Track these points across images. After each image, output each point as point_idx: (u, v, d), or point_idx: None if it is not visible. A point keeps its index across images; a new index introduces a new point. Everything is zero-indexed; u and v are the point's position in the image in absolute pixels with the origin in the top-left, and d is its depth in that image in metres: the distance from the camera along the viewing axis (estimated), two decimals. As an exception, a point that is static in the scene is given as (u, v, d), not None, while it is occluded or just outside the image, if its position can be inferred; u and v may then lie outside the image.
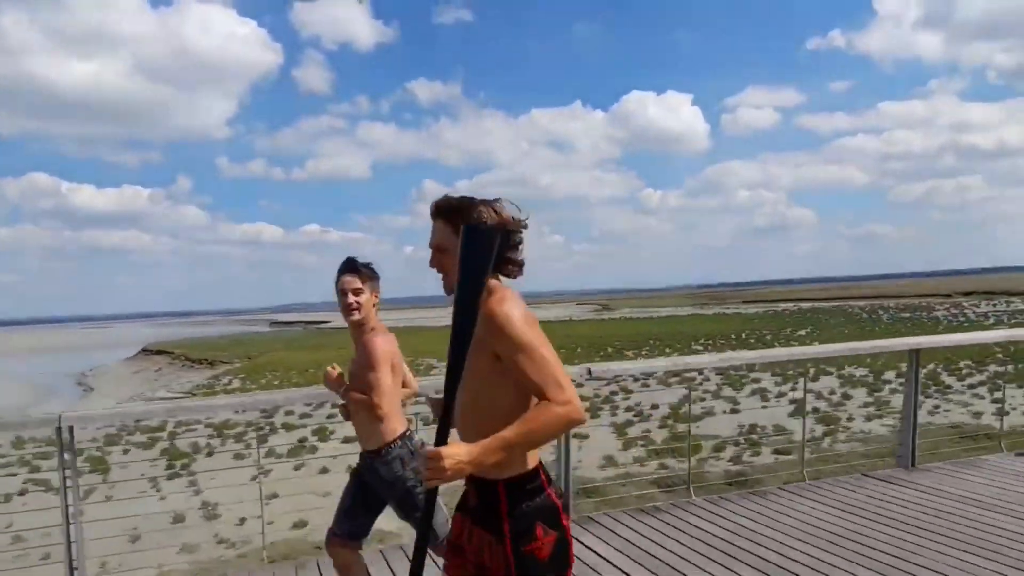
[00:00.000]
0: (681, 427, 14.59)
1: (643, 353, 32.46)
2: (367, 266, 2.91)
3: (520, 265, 1.83)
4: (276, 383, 28.48)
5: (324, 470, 11.03)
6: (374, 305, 2.90)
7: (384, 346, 2.84)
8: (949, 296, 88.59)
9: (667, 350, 33.61)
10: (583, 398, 2.18)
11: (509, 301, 1.73)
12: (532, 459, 1.82)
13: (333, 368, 2.94)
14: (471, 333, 1.65)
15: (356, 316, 2.88)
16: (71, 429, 3.78)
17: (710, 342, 37.00)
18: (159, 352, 59.88)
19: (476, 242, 1.64)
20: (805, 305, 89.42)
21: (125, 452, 14.88)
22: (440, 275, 1.87)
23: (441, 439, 1.65)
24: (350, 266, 2.90)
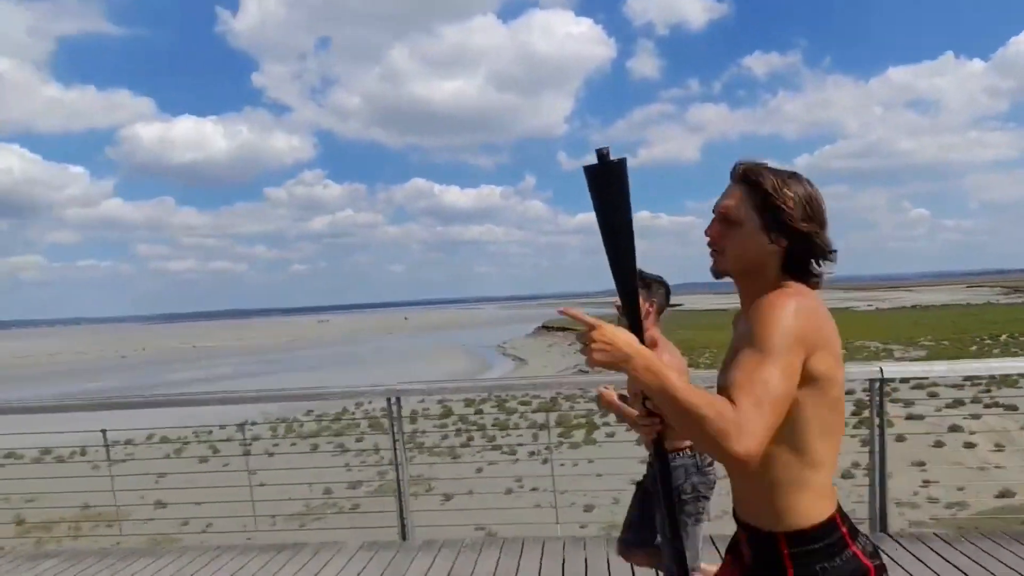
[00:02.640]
0: None
1: None
2: (648, 277, 2.82)
3: (820, 278, 1.42)
4: (707, 361, 30.14)
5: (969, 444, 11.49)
6: (647, 315, 2.75)
7: (671, 360, 2.63)
8: None
9: None
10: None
11: (789, 299, 1.31)
12: (827, 505, 1.37)
13: (608, 390, 2.62)
14: (636, 289, 1.43)
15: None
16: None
17: None
18: (559, 329, 67.66)
19: (608, 177, 1.40)
20: None
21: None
22: (711, 250, 1.45)
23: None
24: None
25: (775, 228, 1.34)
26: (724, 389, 1.24)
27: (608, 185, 1.42)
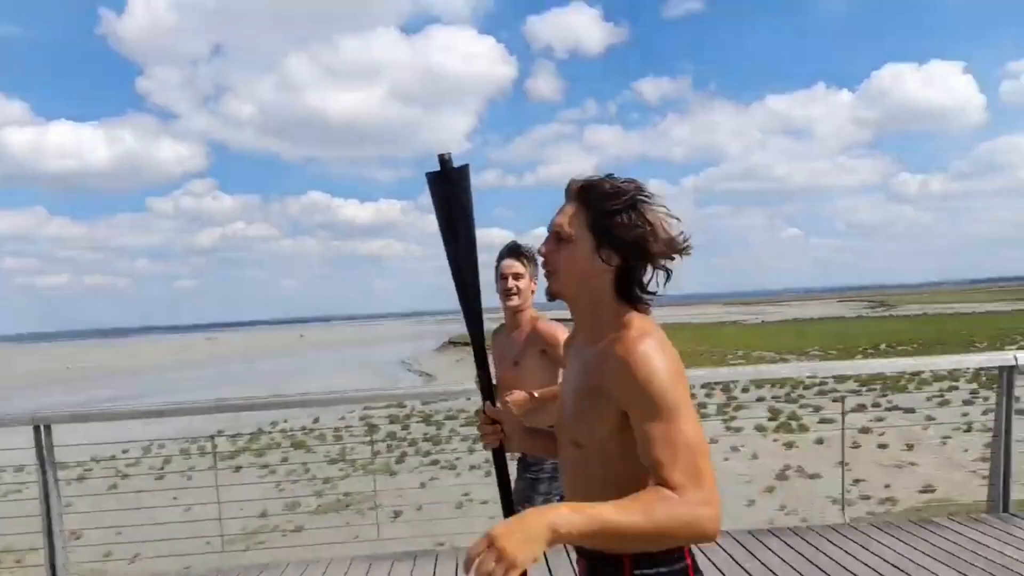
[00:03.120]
0: None
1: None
2: (529, 251, 2.84)
3: (653, 297, 1.34)
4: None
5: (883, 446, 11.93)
6: (532, 292, 2.83)
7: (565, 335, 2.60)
8: None
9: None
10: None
11: (652, 342, 1.24)
12: None
13: (517, 394, 2.63)
14: (477, 291, 1.51)
15: (515, 301, 2.84)
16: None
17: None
18: (466, 344, 66.81)
19: (449, 183, 1.44)
20: None
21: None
22: (545, 271, 1.39)
23: (505, 487, 1.51)
24: (512, 250, 2.86)
25: (607, 245, 1.28)
26: (650, 471, 1.16)
27: (450, 193, 1.43)
